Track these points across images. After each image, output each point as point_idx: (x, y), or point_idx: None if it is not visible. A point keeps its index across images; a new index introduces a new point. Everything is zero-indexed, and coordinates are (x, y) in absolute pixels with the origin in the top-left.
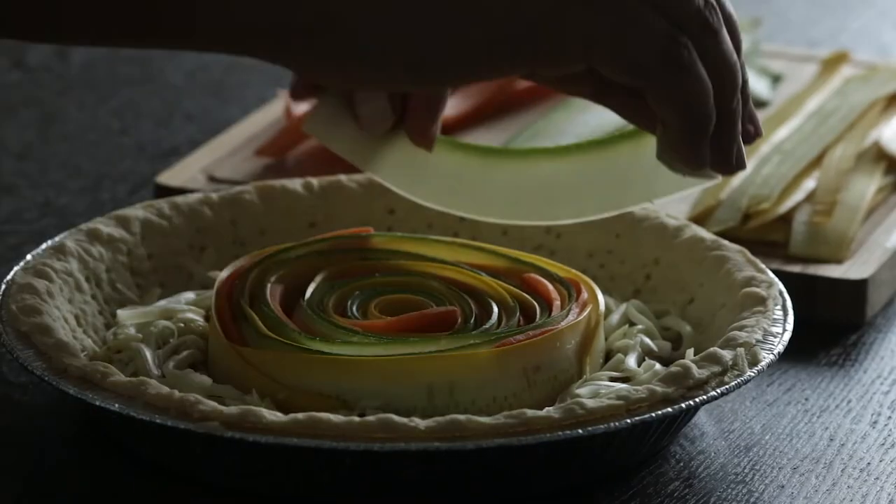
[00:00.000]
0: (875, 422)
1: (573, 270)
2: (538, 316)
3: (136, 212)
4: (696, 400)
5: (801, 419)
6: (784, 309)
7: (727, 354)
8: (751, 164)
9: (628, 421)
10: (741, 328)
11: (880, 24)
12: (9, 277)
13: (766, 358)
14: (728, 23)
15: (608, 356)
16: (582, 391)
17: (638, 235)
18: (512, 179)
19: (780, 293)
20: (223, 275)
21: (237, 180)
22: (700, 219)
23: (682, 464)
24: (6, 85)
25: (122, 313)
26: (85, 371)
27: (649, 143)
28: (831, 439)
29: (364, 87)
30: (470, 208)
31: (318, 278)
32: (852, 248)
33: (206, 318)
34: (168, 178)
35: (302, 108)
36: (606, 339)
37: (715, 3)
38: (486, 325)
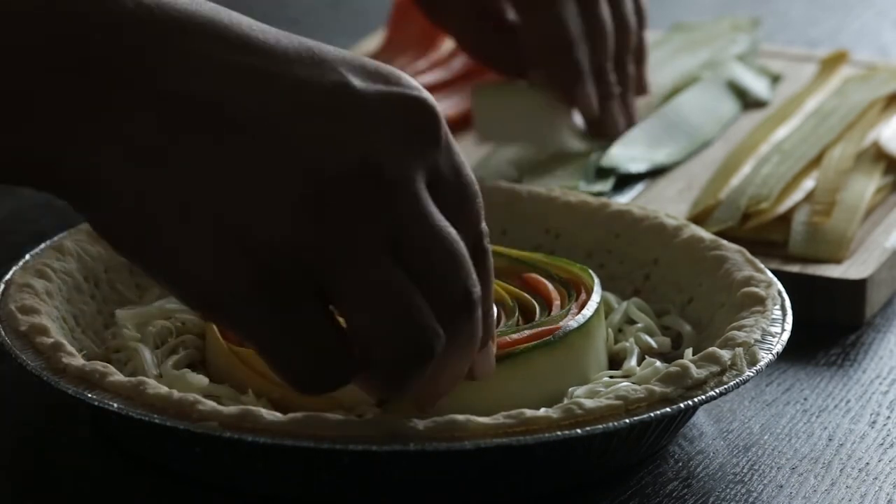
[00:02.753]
0: (874, 422)
1: (576, 265)
2: (538, 315)
3: None
4: (695, 400)
5: (800, 419)
6: (783, 309)
7: (726, 354)
8: (750, 163)
9: (627, 421)
10: (740, 328)
11: (880, 24)
12: (7, 277)
13: (765, 358)
14: None
15: (609, 355)
16: (580, 391)
17: (637, 235)
18: None
19: (779, 293)
20: None
21: None
22: (699, 218)
23: (680, 464)
24: None
25: (120, 313)
26: (83, 371)
27: None
28: (830, 439)
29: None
30: None
31: None
32: (851, 247)
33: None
34: None
35: None
36: (607, 337)
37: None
38: None
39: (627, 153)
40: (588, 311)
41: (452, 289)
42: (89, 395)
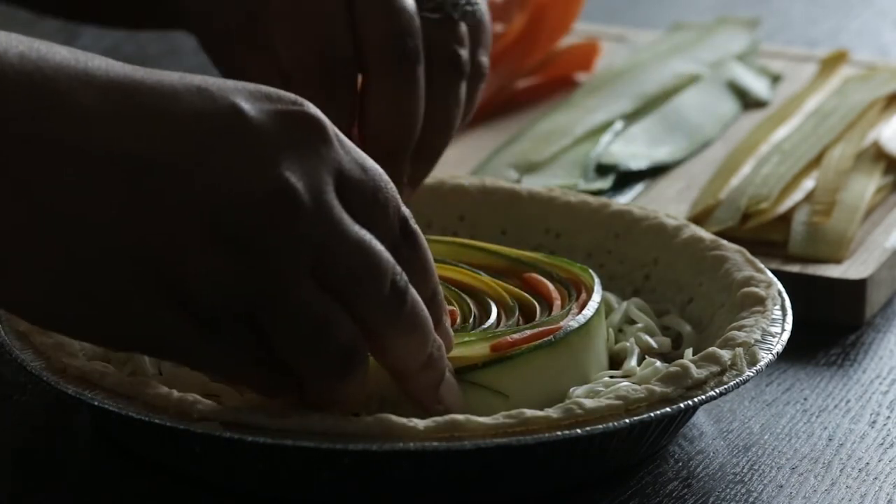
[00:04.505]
0: (874, 422)
1: (577, 265)
2: (538, 315)
3: None
4: (695, 400)
5: (800, 419)
6: (783, 309)
7: (726, 354)
8: (750, 163)
9: (627, 421)
10: (740, 328)
11: (880, 23)
12: None
13: (765, 358)
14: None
15: (609, 355)
16: (580, 391)
17: (637, 235)
18: None
19: (779, 293)
20: None
21: None
22: (699, 218)
23: (680, 464)
24: None
25: None
26: (83, 371)
27: None
28: (830, 439)
29: None
30: None
31: None
32: (851, 247)
33: None
34: None
35: None
36: (607, 337)
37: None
38: (485, 325)
39: (628, 150)
40: (589, 311)
41: (375, 292)
42: (89, 395)
